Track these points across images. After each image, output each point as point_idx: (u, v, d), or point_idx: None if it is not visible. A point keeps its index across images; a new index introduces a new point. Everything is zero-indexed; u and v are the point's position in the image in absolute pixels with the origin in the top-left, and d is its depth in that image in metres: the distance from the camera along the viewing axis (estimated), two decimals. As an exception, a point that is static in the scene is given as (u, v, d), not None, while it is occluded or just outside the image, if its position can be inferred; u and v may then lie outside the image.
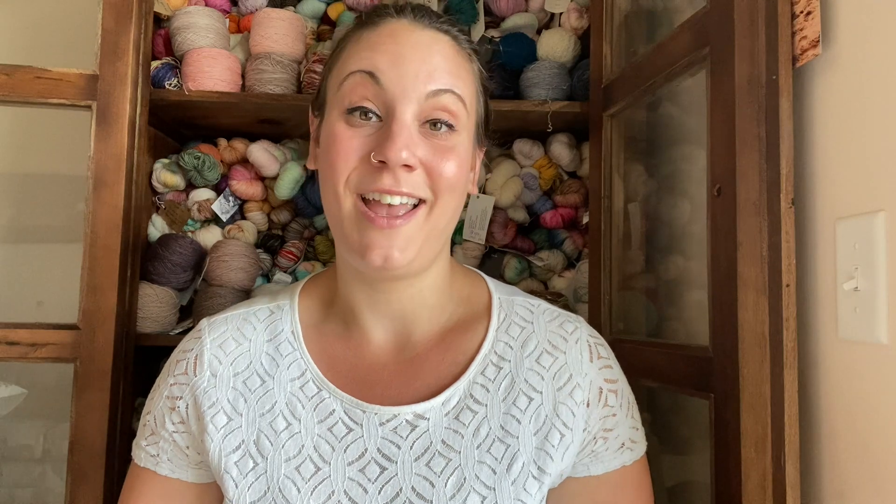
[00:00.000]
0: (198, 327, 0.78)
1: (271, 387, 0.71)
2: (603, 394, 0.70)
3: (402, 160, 0.64)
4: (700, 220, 0.93)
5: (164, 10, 1.27)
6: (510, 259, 1.30)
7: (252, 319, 0.76)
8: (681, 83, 0.93)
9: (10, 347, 1.02)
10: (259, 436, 0.70)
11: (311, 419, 0.69)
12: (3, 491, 1.41)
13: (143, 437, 0.74)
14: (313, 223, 1.35)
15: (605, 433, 0.70)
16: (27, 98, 1.05)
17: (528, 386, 0.69)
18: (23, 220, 1.48)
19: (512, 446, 0.67)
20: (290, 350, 0.73)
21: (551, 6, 1.29)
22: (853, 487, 0.67)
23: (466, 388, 0.70)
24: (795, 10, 0.74)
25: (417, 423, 0.68)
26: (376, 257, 0.65)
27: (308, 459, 0.68)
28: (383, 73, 0.66)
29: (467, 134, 0.70)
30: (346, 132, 0.66)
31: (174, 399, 0.73)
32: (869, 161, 0.66)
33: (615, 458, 0.70)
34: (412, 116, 0.66)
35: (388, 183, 0.64)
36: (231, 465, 0.69)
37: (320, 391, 0.71)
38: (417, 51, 0.67)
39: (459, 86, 0.68)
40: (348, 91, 0.67)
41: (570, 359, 0.71)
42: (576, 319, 0.75)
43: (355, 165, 0.66)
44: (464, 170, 0.69)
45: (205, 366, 0.73)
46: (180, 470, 0.73)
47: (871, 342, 0.64)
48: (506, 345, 0.72)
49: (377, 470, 0.67)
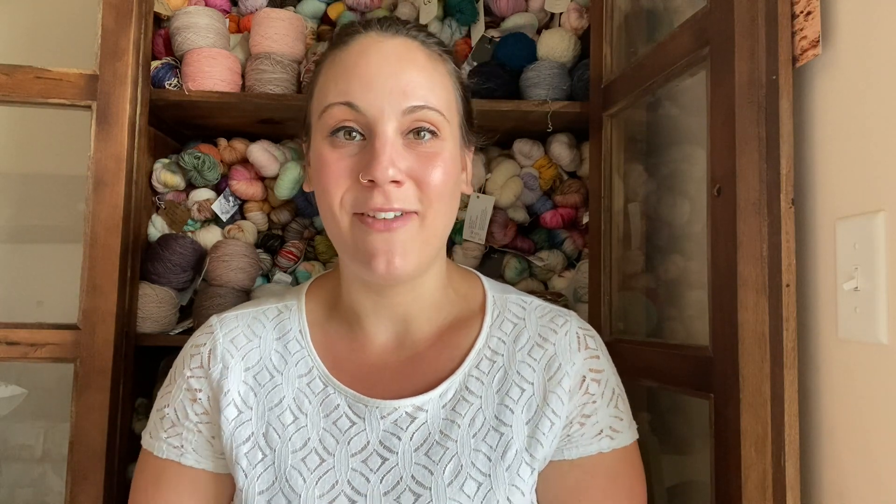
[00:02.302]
0: (208, 323, 0.80)
1: (280, 382, 0.75)
2: (585, 381, 0.73)
3: (389, 178, 0.66)
4: (700, 220, 0.93)
5: (164, 10, 1.27)
6: (510, 259, 1.30)
7: (261, 318, 0.79)
8: (681, 83, 0.93)
9: (10, 347, 1.02)
10: (268, 429, 0.73)
11: (317, 413, 0.73)
12: (3, 491, 1.41)
13: (163, 429, 0.76)
14: (313, 223, 1.35)
15: (582, 419, 0.72)
16: (27, 98, 1.05)
17: (521, 377, 0.73)
18: (23, 220, 1.48)
19: (506, 434, 0.71)
20: (297, 348, 0.77)
21: (551, 6, 1.29)
22: (853, 487, 0.67)
23: (462, 380, 0.73)
24: (795, 10, 0.74)
25: (416, 415, 0.72)
26: (380, 264, 0.67)
27: (313, 451, 0.71)
28: (359, 99, 0.68)
29: (452, 138, 0.73)
30: (332, 154, 0.69)
31: (195, 391, 0.75)
32: (869, 161, 0.66)
33: (591, 443, 0.72)
34: (393, 132, 0.68)
35: (380, 202, 0.67)
36: (241, 455, 0.72)
37: (326, 387, 0.74)
38: (388, 66, 0.69)
39: (434, 98, 0.70)
40: (329, 119, 0.70)
41: (559, 349, 0.74)
42: (567, 314, 0.78)
43: (347, 187, 0.69)
44: (452, 174, 0.72)
45: (218, 358, 0.76)
46: (205, 460, 0.75)
47: (871, 342, 0.64)
48: (499, 340, 0.75)
49: (379, 461, 0.70)
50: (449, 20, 1.33)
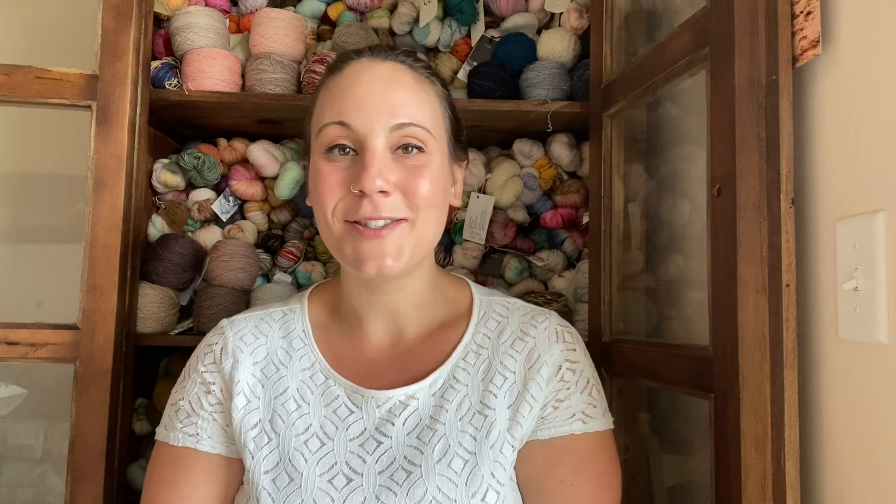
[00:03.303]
0: (219, 325, 0.87)
1: (285, 374, 0.81)
2: (561, 370, 0.79)
3: (377, 188, 0.73)
4: (700, 220, 0.93)
5: (164, 10, 1.27)
6: (510, 259, 1.30)
7: (268, 319, 0.86)
8: (681, 83, 0.93)
9: (10, 347, 1.02)
10: (273, 415, 0.79)
11: (318, 402, 0.79)
12: (3, 491, 1.41)
13: (178, 420, 0.82)
14: (313, 223, 1.34)
15: (556, 402, 0.77)
16: (27, 98, 1.05)
17: (504, 367, 0.79)
18: (23, 220, 1.48)
19: (489, 417, 0.76)
20: (301, 346, 0.84)
21: (551, 6, 1.29)
22: (853, 487, 0.67)
23: (450, 371, 0.80)
24: (795, 10, 0.74)
25: (409, 403, 0.78)
26: (370, 268, 0.74)
27: (314, 436, 0.78)
28: (352, 118, 0.75)
29: (439, 153, 0.79)
30: (326, 167, 0.77)
31: (208, 384, 0.82)
32: (869, 161, 0.66)
33: (563, 425, 0.77)
34: (382, 147, 0.75)
35: (369, 211, 0.74)
36: (249, 440, 0.78)
37: (327, 380, 0.81)
38: (378, 87, 0.76)
39: (421, 115, 0.77)
40: (324, 138, 0.77)
41: (539, 342, 0.80)
42: (547, 313, 0.84)
43: (340, 196, 0.76)
44: (439, 184, 0.78)
45: (229, 354, 0.82)
46: (220, 446, 0.80)
47: (871, 342, 0.64)
48: (484, 335, 0.82)
49: (374, 444, 0.76)
50: (449, 20, 1.33)
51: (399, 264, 0.75)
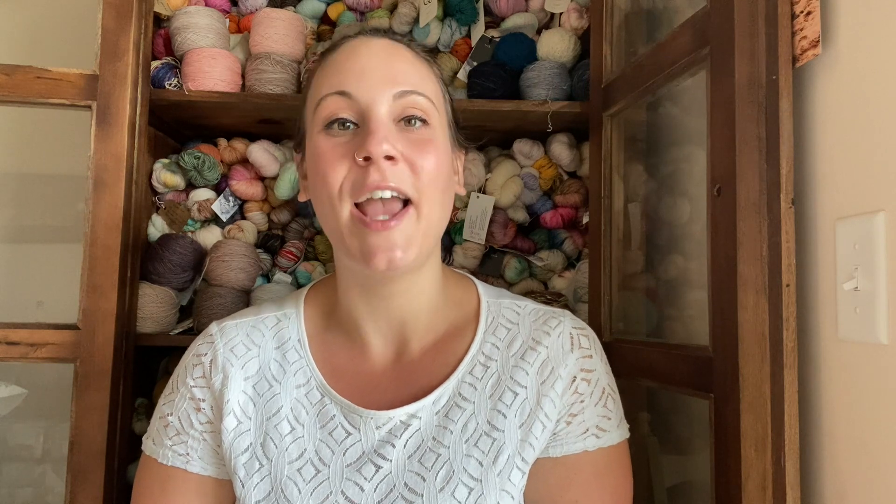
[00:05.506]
0: (208, 331, 0.81)
1: (278, 391, 0.75)
2: (575, 381, 0.74)
3: (384, 152, 0.67)
4: (700, 220, 0.93)
5: (164, 10, 1.27)
6: (510, 259, 1.30)
7: (260, 327, 0.80)
8: (681, 83, 0.93)
9: (10, 347, 1.02)
10: (265, 438, 0.73)
11: (313, 424, 0.73)
12: (3, 491, 1.41)
13: (167, 437, 0.76)
14: (313, 223, 1.35)
15: (569, 417, 0.73)
16: (27, 98, 1.05)
17: (514, 382, 0.73)
18: (23, 220, 1.48)
19: (498, 440, 0.71)
20: (296, 357, 0.77)
21: (551, 6, 1.29)
22: (853, 487, 0.67)
23: (455, 387, 0.74)
24: (795, 10, 0.74)
25: (410, 423, 0.72)
26: (380, 262, 0.68)
27: (309, 462, 0.72)
28: (352, 87, 0.70)
29: (442, 131, 0.74)
30: (328, 143, 0.71)
31: (198, 401, 0.76)
32: (869, 161, 0.66)
33: (576, 442, 0.72)
34: (386, 115, 0.70)
35: (377, 178, 0.67)
36: (240, 466, 0.73)
37: (323, 398, 0.75)
38: (378, 58, 0.72)
39: (424, 87, 0.73)
40: (323, 111, 0.71)
41: (552, 352, 0.74)
42: (561, 314, 0.79)
43: (345, 172, 0.69)
44: (444, 166, 0.73)
45: (219, 368, 0.76)
46: (211, 467, 0.76)
47: (871, 342, 0.64)
48: (493, 346, 0.76)
49: (373, 469, 0.71)
50: (449, 20, 1.33)
51: (409, 255, 0.69)
